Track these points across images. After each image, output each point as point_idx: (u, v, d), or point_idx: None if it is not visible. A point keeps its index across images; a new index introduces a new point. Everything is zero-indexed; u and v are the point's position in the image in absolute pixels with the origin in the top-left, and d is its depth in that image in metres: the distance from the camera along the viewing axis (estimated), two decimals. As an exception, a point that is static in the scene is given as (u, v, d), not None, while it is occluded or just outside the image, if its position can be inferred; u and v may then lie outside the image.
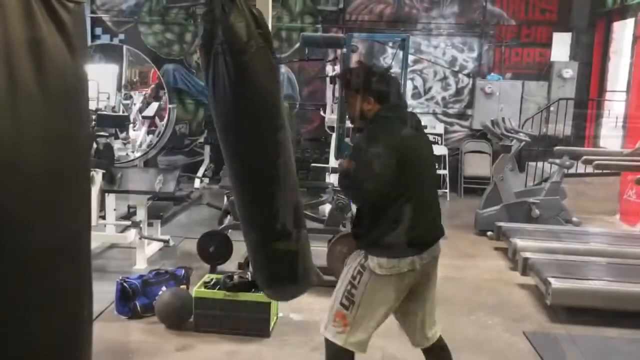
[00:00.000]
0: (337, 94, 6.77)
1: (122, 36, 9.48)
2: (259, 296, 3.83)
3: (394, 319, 2.79)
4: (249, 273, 3.94)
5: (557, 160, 6.49)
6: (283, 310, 4.21)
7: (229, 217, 5.18)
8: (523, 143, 6.87)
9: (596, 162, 5.03)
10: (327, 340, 2.62)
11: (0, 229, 0.91)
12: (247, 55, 2.33)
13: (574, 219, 6.69)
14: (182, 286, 4.30)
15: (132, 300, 4.09)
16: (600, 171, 6.43)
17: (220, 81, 2.39)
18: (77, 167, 1.01)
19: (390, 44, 8.47)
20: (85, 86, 1.03)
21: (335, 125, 6.35)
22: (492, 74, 9.03)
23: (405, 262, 2.52)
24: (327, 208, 5.84)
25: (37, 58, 0.93)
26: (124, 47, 9.29)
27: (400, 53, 5.65)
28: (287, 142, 2.61)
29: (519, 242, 5.28)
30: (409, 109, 2.89)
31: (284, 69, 9.25)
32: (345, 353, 2.59)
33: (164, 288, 4.18)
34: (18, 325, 0.95)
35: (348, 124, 6.54)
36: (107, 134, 7.84)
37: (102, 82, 8.99)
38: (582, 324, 4.17)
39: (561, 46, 8.98)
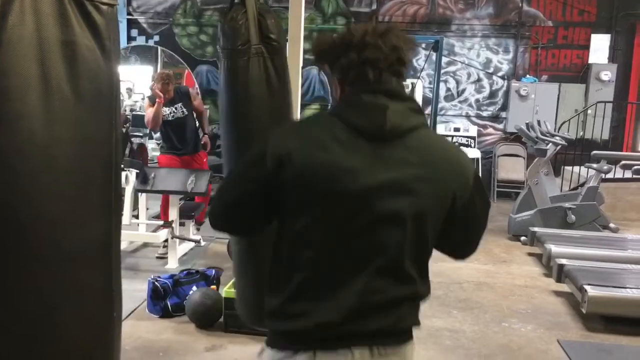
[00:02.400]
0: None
1: (157, 38, 9.61)
2: (288, 298, 3.82)
3: None
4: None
5: (595, 165, 6.33)
6: (312, 313, 4.20)
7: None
8: (559, 147, 6.73)
9: (635, 167, 4.89)
10: None
11: (34, 229, 0.93)
12: (236, 60, 2.31)
13: (611, 225, 6.53)
14: (212, 286, 4.32)
15: (163, 299, 4.13)
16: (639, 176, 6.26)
17: (221, 81, 2.43)
18: (109, 168, 1.02)
19: (424, 46, 8.40)
20: (117, 88, 1.04)
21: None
22: (528, 76, 8.88)
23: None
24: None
25: (71, 60, 0.94)
26: (159, 48, 9.41)
27: (434, 55, 5.58)
28: None
29: (554, 248, 5.17)
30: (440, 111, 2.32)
31: (315, 70, 9.26)
32: None
33: (194, 288, 4.21)
34: (48, 324, 0.97)
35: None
36: (141, 134, 7.96)
37: (137, 83, 9.14)
38: (618, 334, 4.05)
39: (599, 48, 8.78)
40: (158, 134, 9.06)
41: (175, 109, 5.67)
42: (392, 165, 1.41)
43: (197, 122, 6.01)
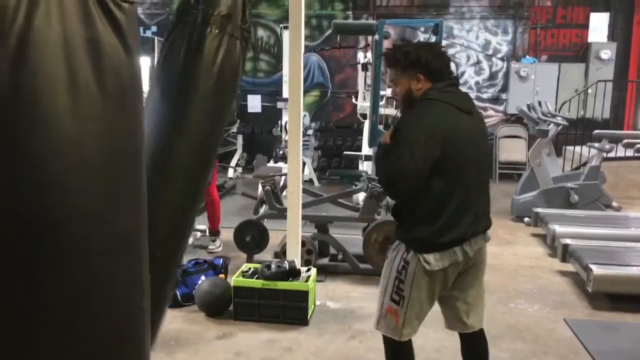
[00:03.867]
0: (369, 81, 6.73)
1: (154, 28, 9.58)
2: (297, 285, 3.86)
3: None
4: (286, 262, 3.98)
5: (596, 144, 6.35)
6: (320, 299, 4.24)
7: (264, 206, 5.22)
8: (560, 127, 6.74)
9: (638, 145, 4.91)
10: (384, 336, 2.57)
11: (67, 223, 0.95)
12: (219, 32, 1.82)
13: (614, 204, 6.56)
14: (220, 275, 4.36)
15: (172, 289, 4.16)
16: (641, 155, 6.28)
17: (176, 50, 1.82)
18: (135, 162, 1.04)
19: (423, 29, 8.38)
20: (140, 84, 1.06)
21: (367, 113, 6.31)
22: (527, 56, 8.87)
23: (453, 255, 2.38)
24: (361, 196, 5.84)
25: (95, 57, 0.95)
26: (156, 39, 9.38)
27: (434, 38, 5.57)
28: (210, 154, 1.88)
29: (558, 228, 5.20)
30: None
31: (315, 57, 9.24)
32: (403, 345, 2.54)
33: (203, 277, 4.24)
34: (82, 314, 0.99)
35: (381, 111, 6.51)
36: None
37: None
38: (624, 312, 4.10)
39: (599, 27, 8.76)
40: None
41: None
42: (477, 128, 2.49)
43: None
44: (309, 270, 4.09)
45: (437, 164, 2.29)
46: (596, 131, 6.46)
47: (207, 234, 5.61)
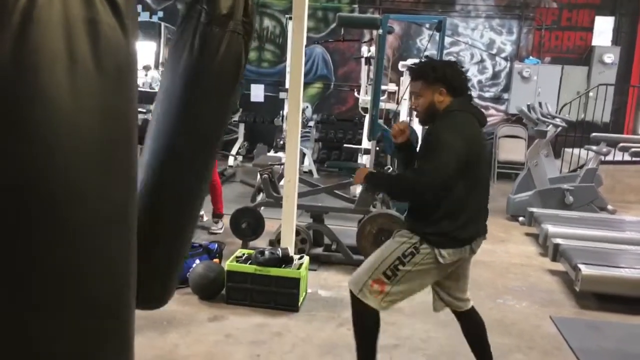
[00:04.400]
0: (371, 75, 6.77)
1: (160, 14, 9.62)
2: (289, 272, 3.93)
3: None
4: (279, 249, 4.05)
5: (594, 147, 6.40)
6: (312, 287, 4.31)
7: (261, 194, 5.28)
8: (559, 129, 6.79)
9: (633, 149, 4.96)
10: (355, 298, 2.76)
11: (62, 193, 1.01)
12: (220, 30, 1.92)
13: (609, 206, 6.61)
14: (215, 260, 4.43)
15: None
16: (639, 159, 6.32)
17: (181, 47, 1.94)
18: (127, 137, 1.10)
19: (427, 26, 8.40)
20: (135, 63, 1.12)
21: (368, 107, 6.36)
22: (531, 57, 8.90)
23: (464, 252, 2.70)
24: (357, 189, 5.90)
25: (94, 36, 1.01)
26: (162, 24, 9.43)
27: (437, 35, 5.61)
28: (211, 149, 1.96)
29: (550, 228, 5.26)
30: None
31: (319, 49, 9.28)
32: (372, 312, 2.75)
33: (197, 261, 4.31)
34: (75, 282, 1.06)
35: (382, 105, 6.56)
36: (144, 110, 8.01)
37: (140, 59, 9.20)
38: (610, 312, 4.17)
39: (603, 30, 8.79)
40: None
41: None
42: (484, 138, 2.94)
43: None
44: (301, 258, 4.16)
45: (465, 166, 2.59)
46: (593, 134, 6.51)
47: (211, 217, 5.71)
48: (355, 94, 8.62)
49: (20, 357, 1.02)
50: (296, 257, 4.15)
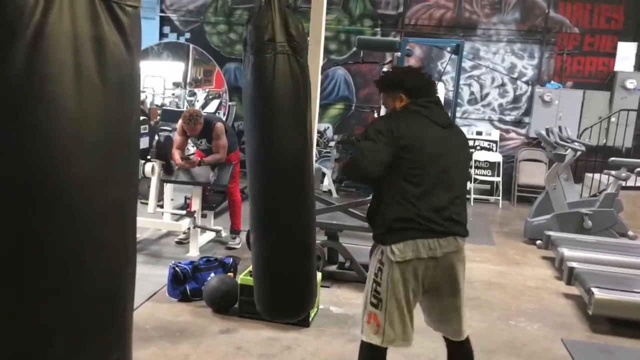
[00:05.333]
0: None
1: (188, 35, 9.89)
2: (300, 287, 3.99)
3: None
4: (292, 264, 4.12)
5: (613, 172, 6.37)
6: (324, 303, 4.37)
7: (278, 211, 5.36)
8: (579, 153, 6.77)
9: (649, 174, 4.93)
10: (362, 342, 2.68)
11: (64, 191, 1.11)
12: (262, 56, 2.43)
13: (630, 232, 6.54)
14: (229, 274, 4.52)
15: (182, 284, 4.34)
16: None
17: (246, 79, 2.56)
18: (128, 145, 1.20)
19: (448, 49, 8.48)
20: (137, 78, 1.22)
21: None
22: (552, 82, 8.91)
23: (415, 248, 2.54)
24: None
25: (99, 52, 1.13)
26: (190, 45, 9.69)
27: (454, 58, 5.70)
28: (306, 152, 2.69)
29: (566, 252, 5.24)
30: (460, 111, 2.95)
31: (341, 70, 9.42)
32: (377, 352, 2.64)
33: (212, 274, 4.41)
34: (73, 273, 1.16)
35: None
36: (170, 128, 8.22)
37: (168, 78, 9.45)
38: (622, 336, 4.14)
39: (626, 56, 8.76)
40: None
41: (200, 142, 5.66)
42: (450, 140, 2.72)
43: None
44: (314, 274, 4.22)
45: (398, 163, 2.56)
46: (612, 159, 6.48)
47: (229, 232, 5.82)
48: (375, 115, 8.71)
49: (19, 343, 1.12)
50: (308, 273, 4.20)
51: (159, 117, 8.61)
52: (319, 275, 4.24)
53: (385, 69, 7.41)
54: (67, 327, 1.14)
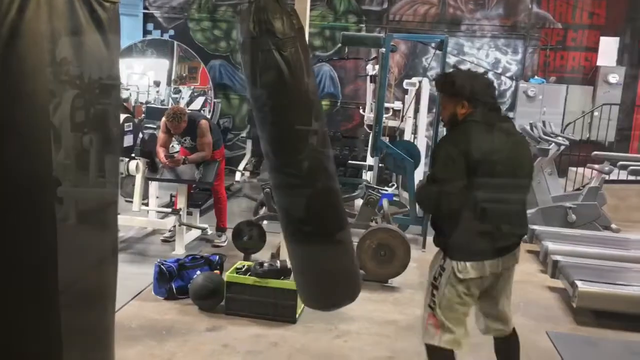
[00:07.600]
0: (376, 93, 6.87)
1: (172, 32, 9.82)
2: (286, 283, 4.00)
3: None
4: (278, 262, 4.12)
5: (596, 166, 6.43)
6: (311, 299, 4.37)
7: (264, 208, 5.36)
8: (562, 147, 6.82)
9: (631, 167, 5.00)
10: (426, 345, 2.71)
11: (42, 186, 1.11)
12: (287, 48, 2.54)
13: (613, 225, 6.60)
14: (216, 271, 4.50)
15: (168, 282, 4.31)
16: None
17: (261, 72, 2.59)
18: (107, 140, 1.20)
19: (432, 45, 8.51)
20: (118, 75, 1.21)
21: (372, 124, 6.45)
22: (536, 77, 8.97)
23: (486, 265, 2.60)
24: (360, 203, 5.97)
25: (78, 49, 1.11)
26: (175, 43, 9.63)
27: (439, 53, 5.72)
28: (323, 134, 2.79)
29: (551, 245, 5.28)
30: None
31: (327, 67, 9.42)
32: (443, 353, 2.68)
33: (198, 272, 4.39)
34: (52, 266, 1.15)
35: (386, 122, 6.65)
36: (154, 126, 8.15)
37: (152, 76, 9.39)
38: (606, 328, 4.18)
39: (608, 51, 8.85)
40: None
41: (184, 140, 5.59)
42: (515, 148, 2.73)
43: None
44: (300, 270, 4.21)
45: (467, 175, 2.52)
46: (595, 152, 6.55)
47: (215, 230, 5.80)
48: (361, 111, 8.72)
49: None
50: (295, 269, 4.21)
51: (143, 115, 8.54)
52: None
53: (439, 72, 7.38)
54: (45, 328, 1.13)
